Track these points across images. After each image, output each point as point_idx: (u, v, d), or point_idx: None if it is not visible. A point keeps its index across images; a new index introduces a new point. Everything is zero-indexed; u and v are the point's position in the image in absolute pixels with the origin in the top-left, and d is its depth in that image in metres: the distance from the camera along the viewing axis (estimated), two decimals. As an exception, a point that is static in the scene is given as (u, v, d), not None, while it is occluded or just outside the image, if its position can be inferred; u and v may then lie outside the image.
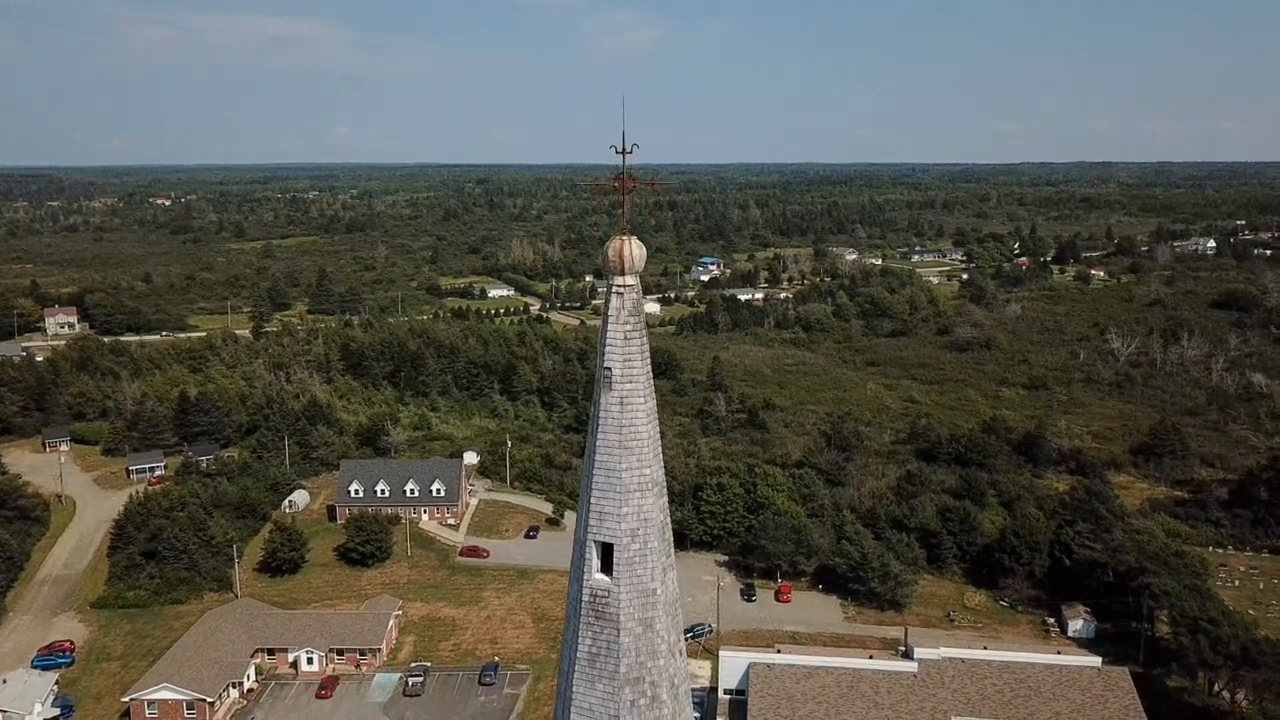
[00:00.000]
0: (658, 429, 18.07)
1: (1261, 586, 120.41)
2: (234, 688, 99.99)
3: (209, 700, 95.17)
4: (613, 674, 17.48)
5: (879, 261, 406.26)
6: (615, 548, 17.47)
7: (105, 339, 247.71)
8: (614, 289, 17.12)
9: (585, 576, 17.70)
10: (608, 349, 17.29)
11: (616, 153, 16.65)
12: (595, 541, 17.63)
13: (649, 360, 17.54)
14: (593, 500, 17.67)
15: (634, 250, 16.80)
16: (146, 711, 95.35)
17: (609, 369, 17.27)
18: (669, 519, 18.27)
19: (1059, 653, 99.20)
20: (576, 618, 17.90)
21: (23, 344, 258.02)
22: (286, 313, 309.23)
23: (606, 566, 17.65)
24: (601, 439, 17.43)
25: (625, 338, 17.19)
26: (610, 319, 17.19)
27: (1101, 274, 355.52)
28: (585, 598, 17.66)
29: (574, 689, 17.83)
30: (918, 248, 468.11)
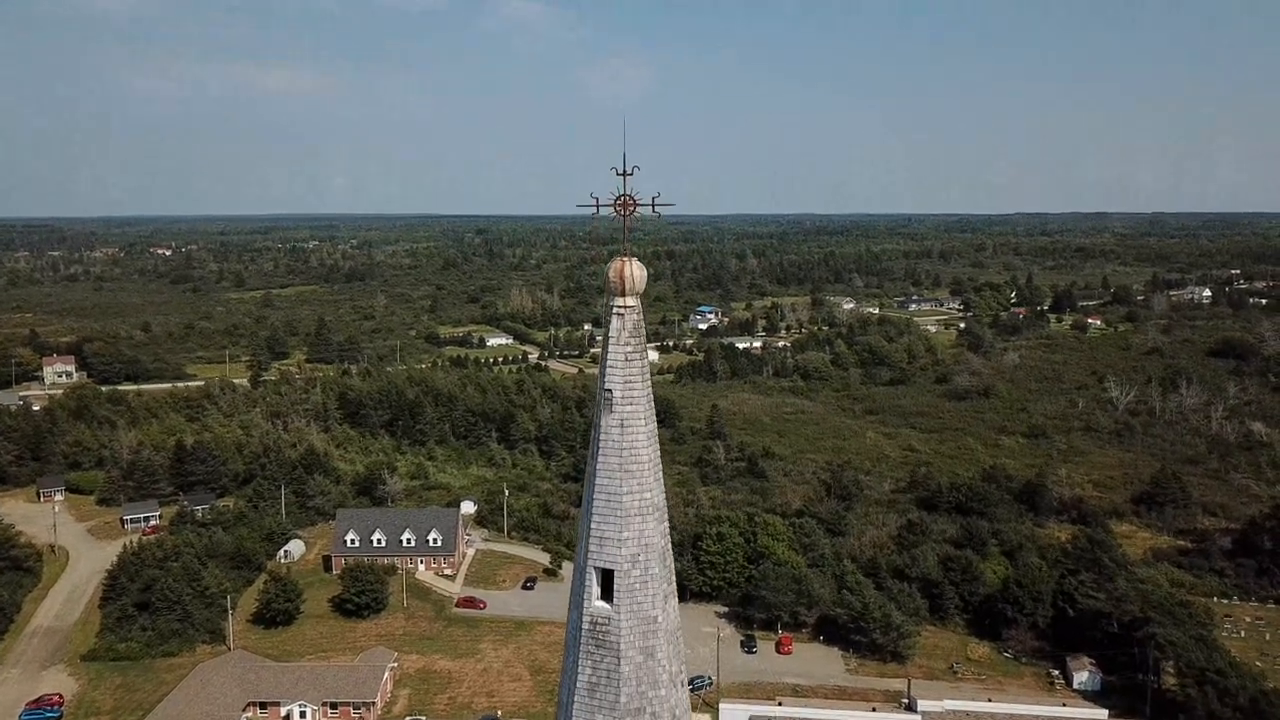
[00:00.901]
0: (659, 452, 17.81)
1: (1268, 637, 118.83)
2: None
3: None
4: (613, 705, 17.02)
5: (876, 310, 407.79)
6: (616, 574, 17.11)
7: (103, 388, 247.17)
8: (614, 310, 16.98)
9: (585, 604, 17.31)
10: (608, 370, 17.10)
11: (617, 174, 16.63)
12: (595, 567, 17.29)
13: (650, 382, 17.34)
14: (593, 525, 17.35)
15: (635, 271, 16.70)
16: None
17: (609, 390, 17.06)
18: (670, 545, 17.94)
19: (1064, 705, 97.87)
20: (576, 647, 17.47)
21: (20, 393, 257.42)
22: (285, 361, 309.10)
23: (607, 593, 17.28)
24: (602, 462, 17.17)
25: (626, 359, 17.02)
26: (611, 340, 17.03)
27: (1098, 323, 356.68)
28: (585, 626, 17.26)
29: (573, 721, 17.35)
30: (915, 297, 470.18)
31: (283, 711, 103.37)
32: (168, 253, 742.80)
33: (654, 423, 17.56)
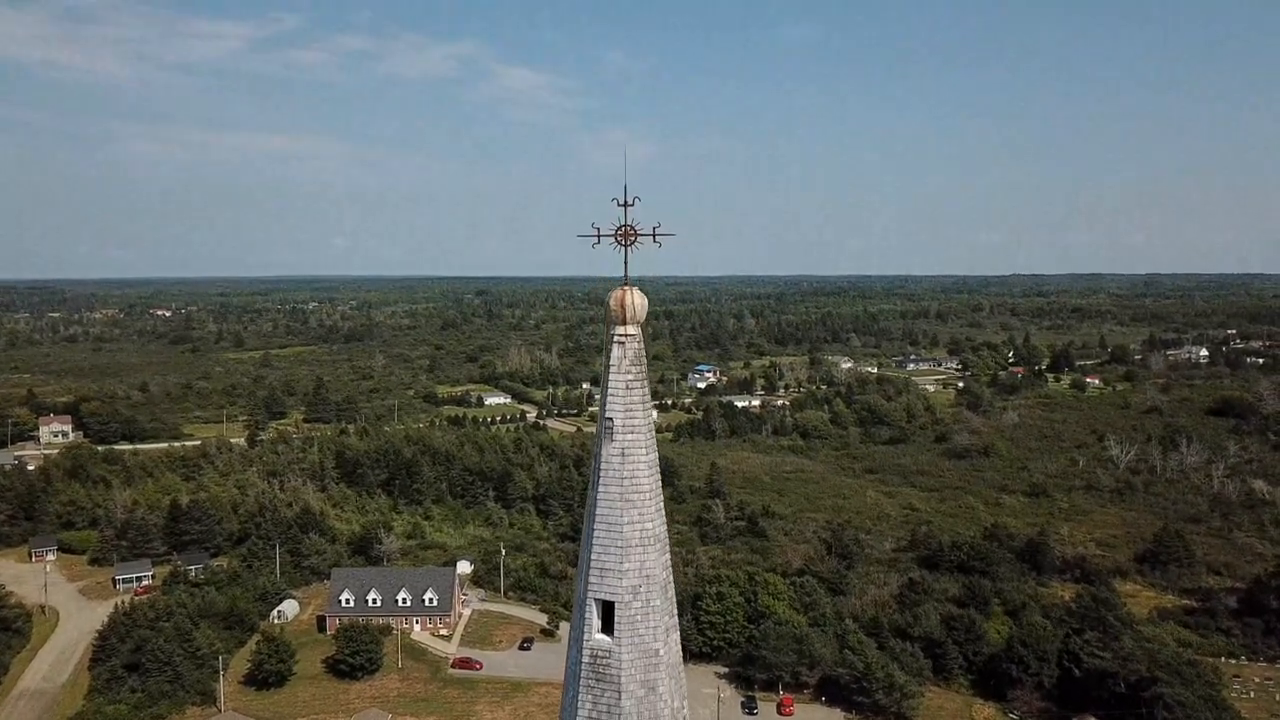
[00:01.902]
0: (660, 482, 17.69)
1: (1278, 698, 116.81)
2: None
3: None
4: (613, 741, 16.64)
5: (874, 370, 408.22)
6: (616, 605, 16.87)
7: (99, 447, 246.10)
8: (615, 339, 16.99)
9: (585, 637, 17.03)
10: (609, 399, 17.06)
11: (618, 205, 16.79)
12: (595, 599, 17.04)
13: (651, 411, 17.28)
14: (593, 556, 17.15)
15: (635, 300, 16.76)
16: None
17: (610, 419, 17.00)
18: (672, 577, 17.70)
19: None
20: (575, 682, 17.14)
21: (15, 453, 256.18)
22: (282, 421, 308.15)
23: (607, 626, 17.01)
24: (602, 492, 17.04)
25: (627, 387, 16.99)
26: (612, 369, 17.02)
27: (1096, 382, 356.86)
28: (585, 659, 16.96)
29: (573, 759, 16.95)
30: (913, 356, 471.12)
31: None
32: (167, 314, 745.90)
33: (655, 453, 17.47)
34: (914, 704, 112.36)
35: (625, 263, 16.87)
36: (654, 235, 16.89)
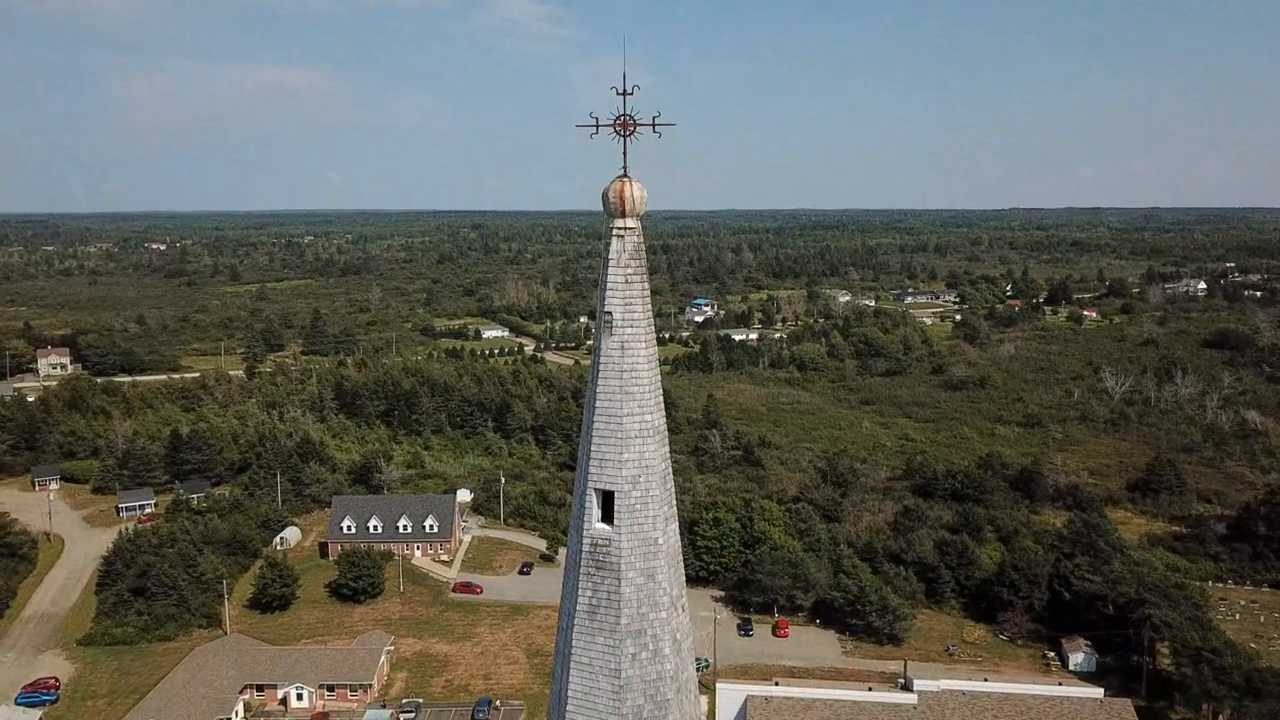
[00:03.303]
0: (659, 375, 17.83)
1: (1262, 620, 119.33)
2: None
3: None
4: (613, 627, 17.04)
5: (872, 303, 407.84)
6: (616, 495, 17.12)
7: (98, 379, 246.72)
8: (614, 232, 16.96)
9: (585, 526, 17.34)
10: (608, 293, 17.09)
11: (617, 94, 16.62)
12: (595, 490, 17.30)
13: (650, 304, 17.34)
14: (593, 447, 17.37)
15: (635, 191, 16.68)
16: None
17: (609, 313, 17.07)
18: (671, 470, 17.95)
19: (1060, 685, 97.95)
20: (576, 569, 17.50)
21: (15, 384, 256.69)
22: (280, 353, 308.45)
23: (607, 515, 17.30)
24: (602, 385, 17.18)
25: (626, 281, 17.02)
26: (611, 262, 17.02)
27: (1093, 315, 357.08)
28: (585, 548, 17.29)
29: (573, 644, 17.37)
30: (910, 289, 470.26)
31: (280, 694, 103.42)
32: (162, 247, 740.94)
33: (654, 346, 17.56)
34: (906, 626, 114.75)
35: (624, 154, 16.74)
36: (654, 125, 16.74)
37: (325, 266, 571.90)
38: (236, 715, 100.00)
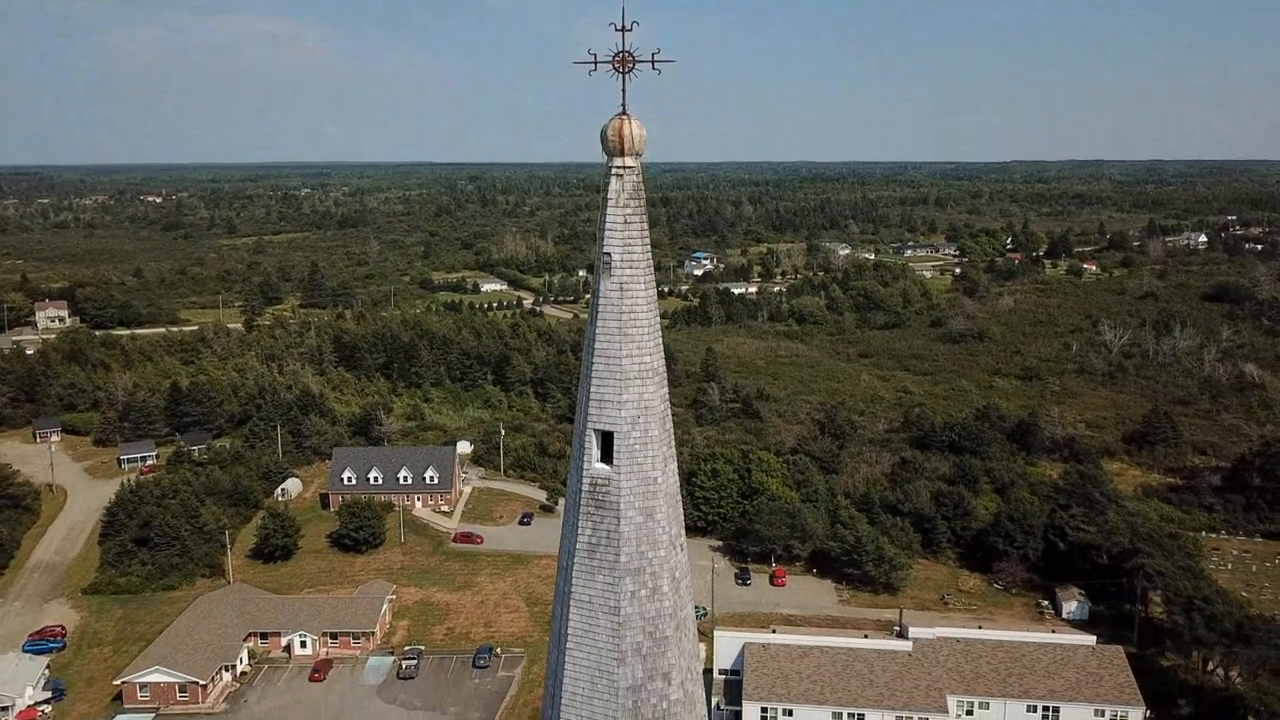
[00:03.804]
0: (658, 317, 17.82)
1: (1254, 569, 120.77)
2: (226, 671, 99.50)
3: (201, 683, 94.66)
4: (613, 565, 17.21)
5: (872, 256, 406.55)
6: (615, 435, 17.18)
7: (96, 332, 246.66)
8: (613, 171, 16.80)
9: (585, 466, 17.42)
10: (607, 233, 16.99)
11: (616, 30, 16.39)
12: (595, 430, 17.36)
13: (649, 245, 17.26)
14: (592, 388, 17.40)
15: (634, 129, 16.50)
16: (139, 694, 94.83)
17: (608, 254, 16.98)
18: (670, 411, 18.01)
19: (1053, 632, 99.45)
20: (576, 509, 17.62)
21: (14, 337, 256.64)
22: (278, 307, 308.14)
23: (606, 456, 17.38)
24: (601, 326, 17.15)
25: (625, 221, 16.90)
26: (610, 202, 16.90)
27: (1093, 268, 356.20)
28: (585, 487, 17.39)
29: (573, 582, 17.56)
30: (910, 243, 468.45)
31: (283, 641, 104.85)
32: (158, 200, 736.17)
33: (654, 288, 17.51)
34: (902, 575, 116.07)
35: (623, 91, 16.52)
36: (653, 62, 16.52)
37: (322, 219, 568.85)
38: (241, 662, 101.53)
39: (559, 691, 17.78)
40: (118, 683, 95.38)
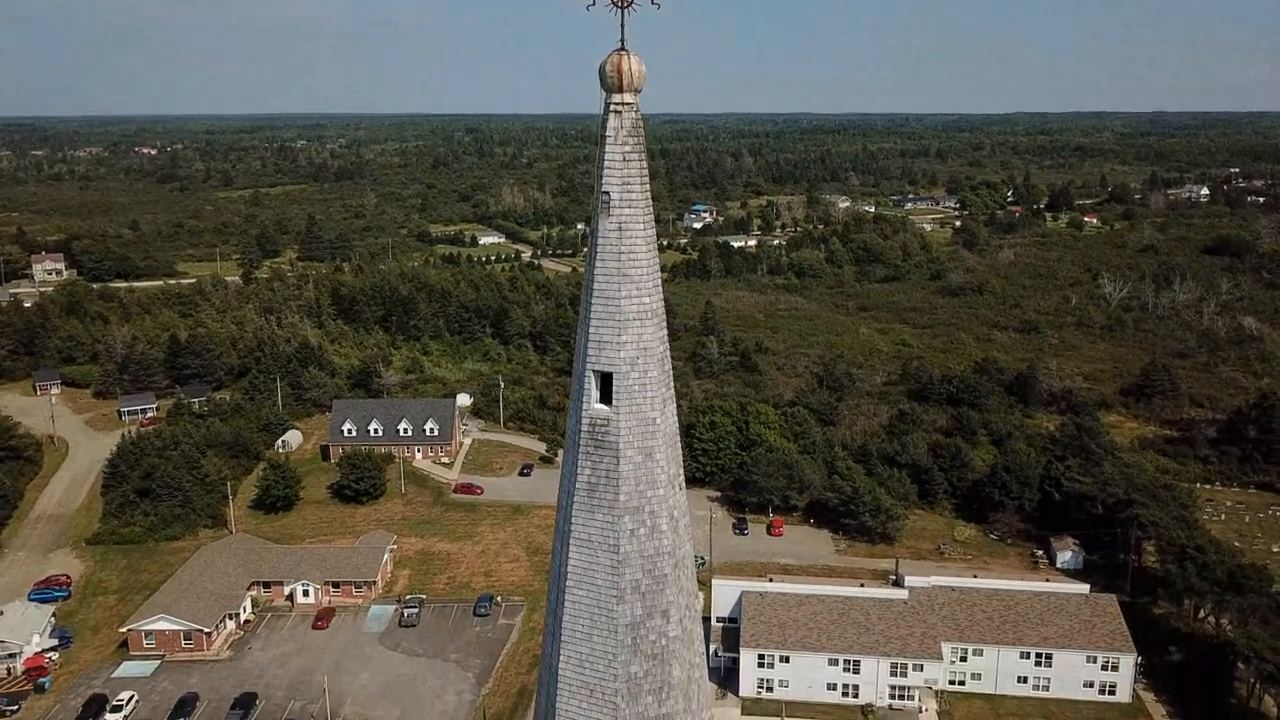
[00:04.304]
0: (657, 258, 17.75)
1: (1247, 520, 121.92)
2: (230, 619, 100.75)
3: (206, 631, 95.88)
4: (612, 503, 17.33)
5: (872, 209, 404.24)
6: (615, 376, 17.20)
7: (94, 285, 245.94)
8: (611, 107, 16.60)
9: (584, 407, 17.47)
10: (606, 172, 16.83)
11: (615, -35, 16.08)
12: (594, 371, 17.37)
13: (649, 184, 17.13)
14: (591, 329, 17.38)
15: (633, 65, 16.28)
16: (144, 641, 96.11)
17: (607, 193, 16.84)
18: (669, 353, 18.01)
19: (1047, 581, 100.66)
20: (575, 449, 17.70)
21: (11, 290, 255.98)
22: (276, 259, 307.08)
23: (605, 397, 17.41)
24: (600, 267, 17.08)
25: (624, 159, 16.74)
26: (608, 140, 16.72)
27: (1094, 221, 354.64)
28: (584, 428, 17.45)
29: (573, 521, 17.70)
30: (911, 195, 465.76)
31: (286, 590, 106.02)
32: (153, 152, 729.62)
33: (653, 228, 17.41)
34: (898, 525, 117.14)
35: (622, 26, 16.27)
36: (653, -2, 16.28)
37: (319, 171, 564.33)
38: (245, 610, 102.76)
39: (559, 628, 18.01)
40: (123, 630, 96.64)
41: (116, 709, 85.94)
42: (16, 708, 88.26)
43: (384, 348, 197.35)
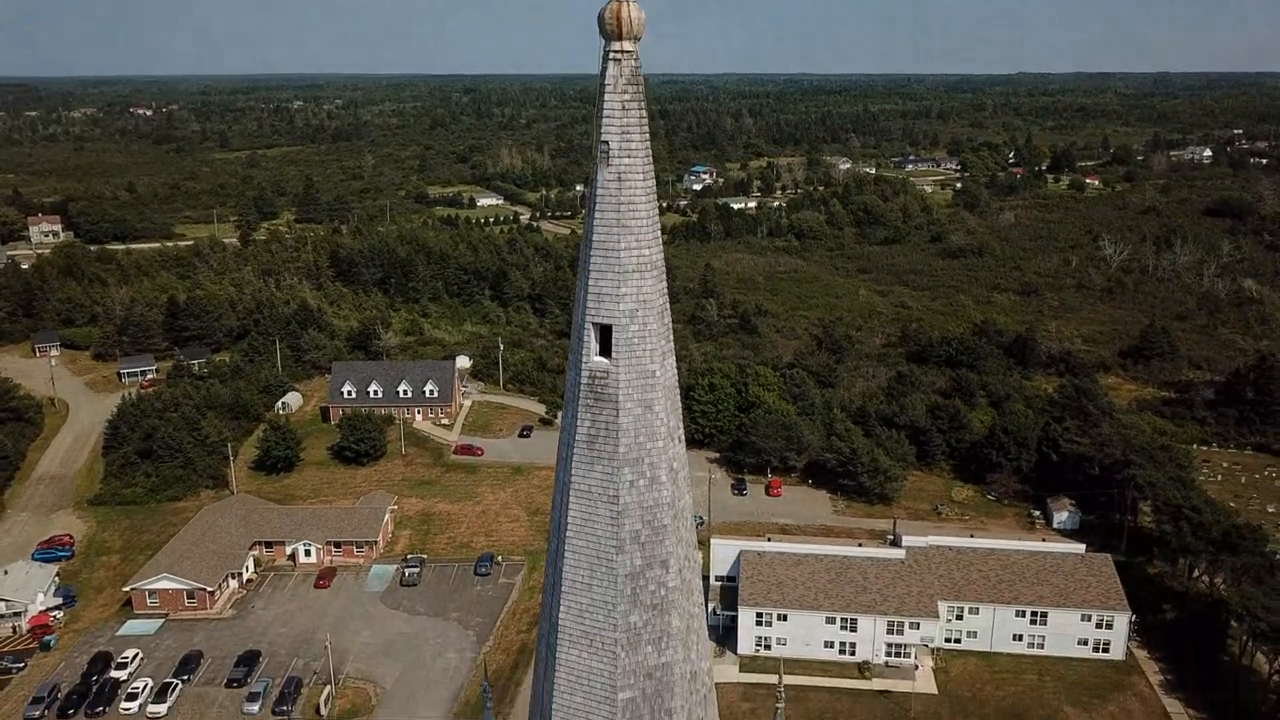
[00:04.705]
0: (657, 210, 17.65)
1: (1243, 481, 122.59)
2: (233, 578, 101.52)
3: (209, 589, 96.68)
4: (611, 455, 17.40)
5: (873, 170, 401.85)
6: (614, 329, 17.17)
7: (91, 247, 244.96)
8: (610, 55, 16.42)
9: (584, 359, 17.47)
10: (605, 121, 16.68)
11: (614, -90, 15.83)
12: (593, 324, 17.34)
13: (648, 134, 16.98)
14: (590, 282, 17.32)
15: (632, 12, 16.08)
16: (147, 600, 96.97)
17: (606, 142, 16.71)
18: (668, 305, 17.97)
19: (1044, 541, 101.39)
20: (575, 401, 17.73)
21: (8, 252, 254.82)
22: (273, 221, 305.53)
23: (605, 350, 17.40)
24: (599, 218, 16.98)
25: (623, 108, 16.59)
26: (607, 88, 16.55)
27: (1096, 183, 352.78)
28: (584, 380, 17.47)
29: (573, 472, 17.77)
30: (912, 157, 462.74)
31: (287, 550, 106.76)
32: (148, 113, 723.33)
33: (653, 179, 17.28)
34: (896, 486, 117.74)
35: (621, -22, 16.08)
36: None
37: (316, 133, 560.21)
38: (247, 570, 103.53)
39: (559, 579, 18.16)
40: (127, 590, 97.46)
41: (121, 666, 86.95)
42: (23, 665, 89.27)
43: (383, 310, 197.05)
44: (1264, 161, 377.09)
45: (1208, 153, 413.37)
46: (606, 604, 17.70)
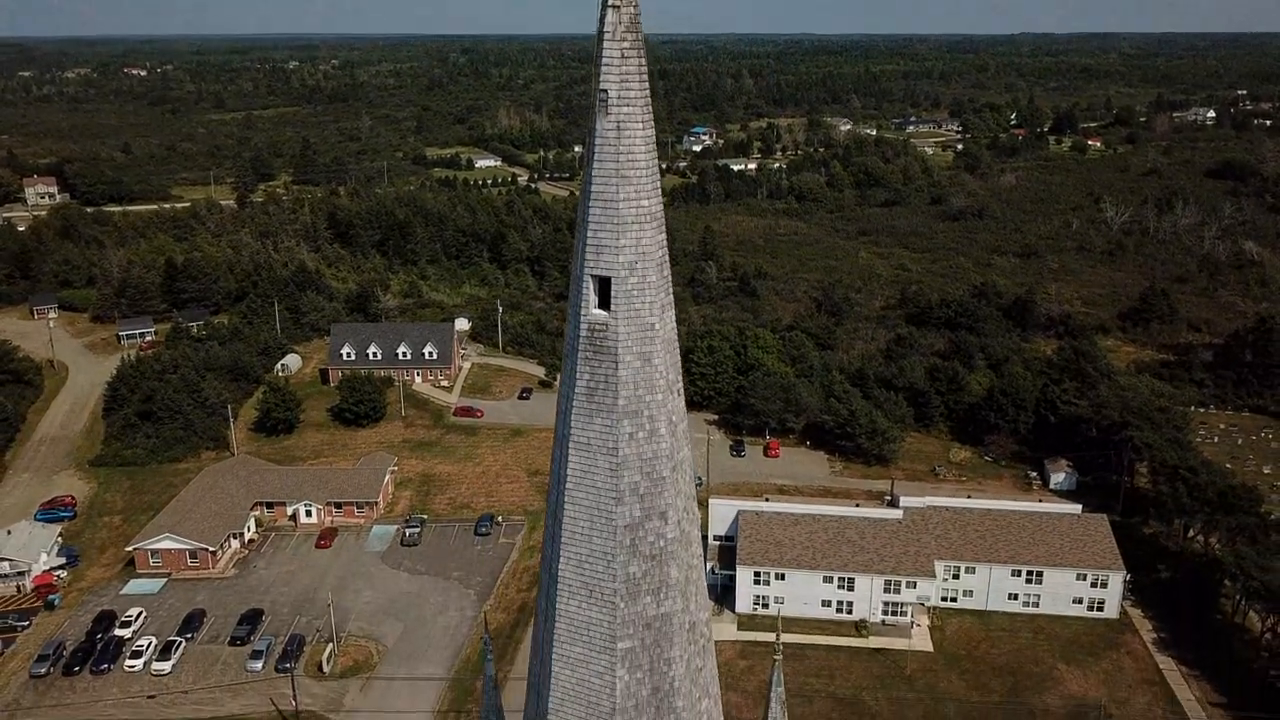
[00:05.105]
0: (656, 160, 17.49)
1: (1240, 442, 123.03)
2: (235, 538, 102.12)
3: (211, 549, 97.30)
4: (610, 407, 17.41)
5: (873, 132, 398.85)
6: (613, 281, 17.10)
7: (87, 208, 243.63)
8: (609, 2, 16.21)
9: (583, 312, 17.42)
10: (603, 69, 16.48)
11: None
12: (592, 276, 17.27)
13: (648, 83, 16.79)
14: (589, 233, 17.21)
15: (632, -43, 15.87)
16: (150, 560, 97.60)
17: (604, 91, 16.52)
18: (668, 257, 17.89)
19: (1040, 502, 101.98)
20: (574, 354, 17.70)
21: (4, 214, 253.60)
22: (270, 183, 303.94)
23: (604, 302, 17.34)
24: (598, 168, 16.84)
25: (623, 55, 16.38)
26: (606, 35, 16.33)
27: (1098, 144, 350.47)
28: (583, 333, 17.42)
29: (572, 424, 17.79)
30: (913, 118, 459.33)
31: (289, 511, 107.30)
32: (142, 73, 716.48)
33: (652, 128, 17.12)
34: (894, 447, 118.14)
35: (621, -80, 15.82)
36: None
37: (312, 94, 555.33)
38: (249, 530, 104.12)
39: (559, 530, 18.25)
40: (129, 549, 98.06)
41: (125, 624, 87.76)
42: (28, 623, 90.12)
43: (381, 272, 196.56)
44: (1268, 123, 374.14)
45: (1211, 114, 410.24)
46: (606, 555, 17.81)
